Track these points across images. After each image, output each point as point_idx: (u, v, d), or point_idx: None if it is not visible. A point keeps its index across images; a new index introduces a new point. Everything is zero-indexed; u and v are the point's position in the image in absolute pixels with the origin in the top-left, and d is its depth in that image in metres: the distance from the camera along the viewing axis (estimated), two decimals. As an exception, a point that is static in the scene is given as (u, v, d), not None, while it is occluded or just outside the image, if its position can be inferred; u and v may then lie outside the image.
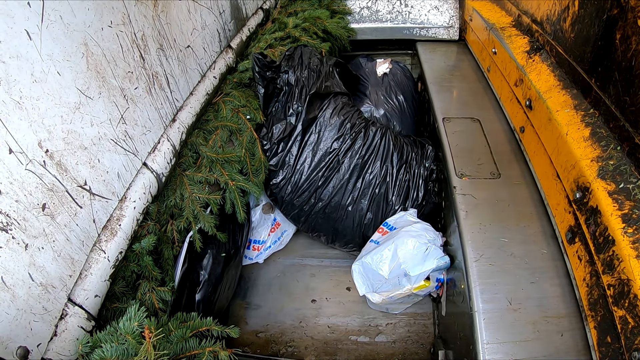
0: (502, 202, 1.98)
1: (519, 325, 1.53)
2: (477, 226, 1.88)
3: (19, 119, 1.05)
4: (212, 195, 1.92)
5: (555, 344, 1.47)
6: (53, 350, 1.17)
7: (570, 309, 1.55)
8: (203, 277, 2.04)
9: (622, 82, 1.43)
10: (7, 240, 1.02)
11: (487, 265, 1.72)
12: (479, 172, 2.15)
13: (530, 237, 1.81)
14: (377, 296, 2.16)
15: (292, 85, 2.48)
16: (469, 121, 2.54)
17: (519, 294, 1.62)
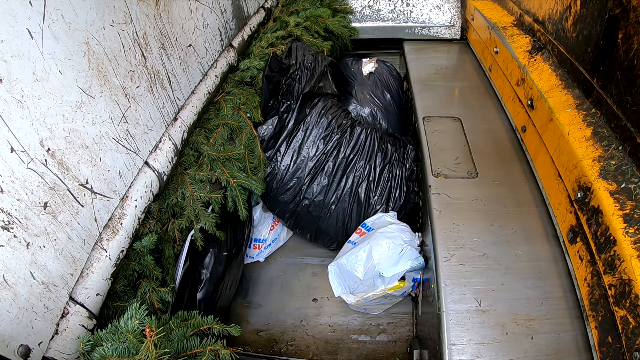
0: (478, 201, 1.97)
1: (488, 327, 1.51)
2: (449, 226, 1.86)
3: (20, 117, 1.06)
4: (213, 193, 1.92)
5: (524, 346, 1.45)
6: (54, 348, 1.17)
7: (542, 312, 1.54)
8: (205, 276, 2.04)
9: (623, 81, 1.42)
10: (8, 239, 1.02)
11: (458, 265, 1.71)
12: (456, 172, 2.15)
13: (505, 237, 1.80)
14: (352, 297, 2.16)
15: (288, 84, 2.50)
16: (449, 120, 2.54)
17: (490, 295, 1.60)
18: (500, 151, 2.25)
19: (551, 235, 1.80)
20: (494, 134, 2.39)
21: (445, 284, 1.65)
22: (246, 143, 2.23)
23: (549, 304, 1.56)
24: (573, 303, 1.55)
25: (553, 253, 1.73)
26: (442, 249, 1.77)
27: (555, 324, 1.50)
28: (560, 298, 1.58)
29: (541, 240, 1.78)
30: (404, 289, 2.17)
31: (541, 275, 1.65)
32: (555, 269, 1.67)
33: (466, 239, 1.80)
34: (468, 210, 1.93)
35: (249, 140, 2.26)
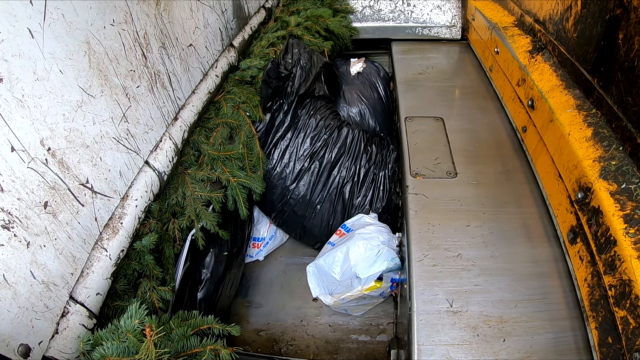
0: (455, 202, 1.96)
1: (458, 328, 1.50)
2: (425, 226, 1.85)
3: (21, 117, 1.06)
4: (214, 193, 1.92)
5: (495, 349, 1.43)
6: (54, 348, 1.17)
7: (516, 314, 1.52)
8: (205, 276, 2.05)
9: (624, 82, 1.42)
10: (9, 238, 1.02)
11: (431, 265, 1.69)
12: (435, 172, 2.14)
13: (481, 238, 1.79)
14: (330, 298, 2.16)
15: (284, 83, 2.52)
16: (431, 120, 2.54)
17: (462, 296, 1.59)
18: (482, 151, 2.25)
19: (530, 236, 1.79)
20: (477, 134, 2.39)
21: (417, 284, 1.64)
22: (245, 141, 2.23)
23: (524, 306, 1.55)
24: (550, 305, 1.54)
25: (532, 254, 1.72)
26: (415, 249, 1.76)
27: (529, 327, 1.49)
28: (536, 300, 1.56)
29: (519, 241, 1.78)
30: (382, 289, 2.18)
31: (517, 276, 1.64)
32: (533, 270, 1.66)
33: (441, 240, 1.79)
34: (445, 210, 1.92)
35: (248, 139, 2.27)
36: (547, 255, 1.71)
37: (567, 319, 1.50)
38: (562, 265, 1.67)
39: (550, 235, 1.79)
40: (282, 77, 2.46)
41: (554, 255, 1.71)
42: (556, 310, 1.53)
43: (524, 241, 1.78)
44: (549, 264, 1.68)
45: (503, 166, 2.15)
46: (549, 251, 1.73)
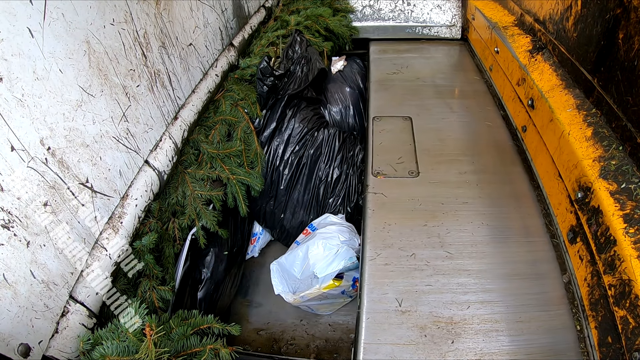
0: (414, 201, 1.95)
1: (405, 328, 1.48)
2: (380, 225, 1.85)
3: (20, 116, 1.06)
4: (214, 191, 1.93)
5: (442, 350, 1.42)
6: (54, 347, 1.17)
7: (467, 316, 1.51)
8: (205, 275, 2.05)
9: (624, 82, 1.42)
10: (8, 238, 1.02)
11: (383, 264, 1.68)
12: (397, 171, 2.14)
13: (437, 238, 1.78)
14: (290, 296, 2.17)
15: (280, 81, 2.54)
16: (400, 120, 2.54)
17: (412, 296, 1.57)
18: (447, 150, 2.26)
19: (489, 236, 1.78)
20: (443, 133, 2.39)
21: (368, 282, 1.63)
22: (242, 137, 2.23)
23: (477, 308, 1.54)
24: (505, 308, 1.53)
25: (492, 255, 1.71)
26: (369, 248, 1.75)
27: (480, 329, 1.48)
28: (489, 302, 1.55)
29: (477, 241, 1.77)
30: (341, 288, 2.19)
31: (471, 277, 1.63)
32: (488, 272, 1.65)
33: (396, 239, 1.78)
34: (403, 209, 1.92)
35: (246, 135, 2.26)
36: (505, 256, 1.71)
37: (521, 322, 1.49)
38: (520, 267, 1.67)
39: (511, 236, 1.78)
40: (276, 75, 2.46)
41: (512, 256, 1.71)
42: (511, 312, 1.52)
43: (484, 241, 1.77)
44: (506, 265, 1.68)
45: (468, 165, 2.15)
46: (507, 252, 1.72)
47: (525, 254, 1.71)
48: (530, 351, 1.41)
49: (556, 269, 1.64)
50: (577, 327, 1.46)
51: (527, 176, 2.05)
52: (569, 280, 1.59)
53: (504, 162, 2.17)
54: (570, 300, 1.54)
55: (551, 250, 1.70)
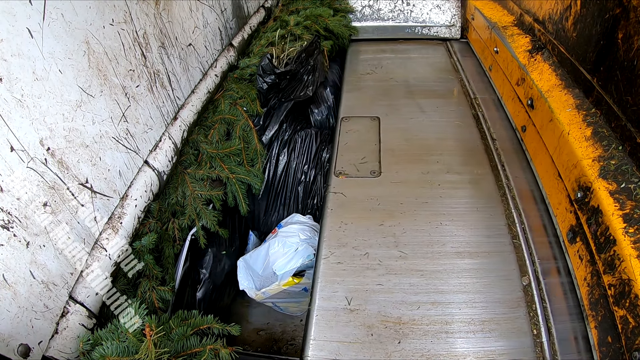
0: (373, 200, 1.96)
1: (353, 327, 1.49)
2: (337, 224, 1.85)
3: (20, 117, 1.06)
4: (214, 191, 1.93)
5: (388, 350, 1.42)
6: (54, 347, 1.17)
7: (416, 317, 1.51)
8: (204, 276, 2.05)
9: (624, 81, 1.42)
10: (8, 238, 1.02)
11: (336, 263, 1.69)
12: (359, 171, 2.14)
13: (393, 237, 1.78)
14: (253, 292, 2.18)
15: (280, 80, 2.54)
16: (368, 120, 2.55)
17: (362, 295, 1.58)
18: (412, 150, 2.26)
19: (447, 237, 1.78)
20: (410, 133, 2.40)
21: (319, 281, 1.64)
22: (241, 135, 2.22)
23: (427, 309, 1.53)
24: (457, 309, 1.53)
25: (448, 256, 1.71)
26: (324, 247, 1.76)
27: (428, 330, 1.48)
28: (441, 304, 1.55)
29: (434, 241, 1.77)
30: (302, 285, 2.20)
31: (424, 278, 1.63)
32: (443, 273, 1.65)
33: (351, 238, 1.79)
34: (361, 209, 1.92)
35: (245, 132, 2.26)
36: (463, 257, 1.71)
37: (473, 325, 1.49)
38: (477, 268, 1.66)
39: (470, 237, 1.78)
40: (277, 73, 2.46)
41: (470, 257, 1.70)
42: (463, 314, 1.52)
43: (439, 242, 1.77)
44: (463, 266, 1.68)
45: (432, 165, 2.15)
46: (465, 253, 1.72)
47: (484, 255, 1.70)
48: (481, 355, 1.40)
49: (516, 271, 1.63)
50: (533, 331, 1.45)
51: (494, 176, 2.06)
52: (528, 282, 1.59)
53: (470, 162, 2.17)
54: (529, 303, 1.53)
55: (512, 252, 1.70)
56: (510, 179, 2.03)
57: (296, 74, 2.55)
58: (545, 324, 1.47)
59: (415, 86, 2.87)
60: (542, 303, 1.53)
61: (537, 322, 1.48)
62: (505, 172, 2.07)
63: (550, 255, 1.69)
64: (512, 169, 2.09)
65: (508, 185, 2.00)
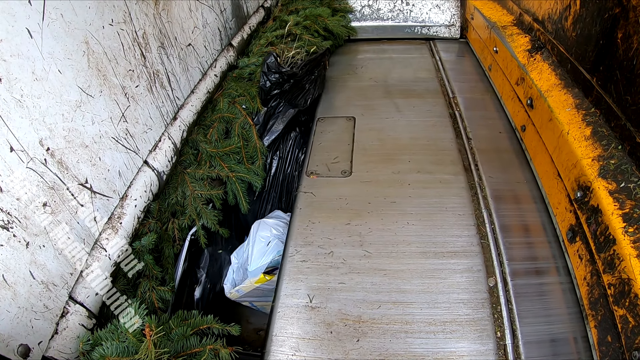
0: (342, 200, 1.97)
1: (313, 324, 1.50)
2: (305, 223, 1.88)
3: (20, 117, 1.05)
4: (214, 190, 1.93)
5: (346, 348, 1.43)
6: (54, 348, 1.17)
7: (376, 316, 1.52)
8: (201, 275, 2.05)
9: (623, 81, 1.42)
10: (8, 238, 1.02)
11: (300, 261, 1.72)
12: (330, 171, 2.16)
13: (358, 237, 1.80)
14: (228, 290, 2.17)
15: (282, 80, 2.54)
16: (343, 120, 2.56)
17: (324, 292, 1.60)
18: (384, 150, 2.27)
19: (413, 236, 1.79)
20: (384, 133, 2.40)
21: (284, 278, 1.67)
22: (240, 133, 2.22)
23: (388, 308, 1.54)
24: (419, 309, 1.54)
25: (412, 255, 1.71)
26: (290, 245, 1.79)
27: (388, 329, 1.48)
28: (402, 303, 1.56)
29: (399, 240, 1.78)
30: (274, 282, 2.18)
31: (387, 277, 1.64)
32: (406, 272, 1.66)
33: (317, 237, 1.81)
34: (329, 208, 1.94)
35: (244, 130, 2.25)
36: (428, 257, 1.71)
37: (434, 325, 1.49)
38: (442, 268, 1.67)
39: (436, 237, 1.78)
40: (281, 72, 2.46)
41: (435, 257, 1.71)
42: (424, 315, 1.52)
43: (404, 241, 1.77)
44: (427, 266, 1.68)
45: (403, 164, 2.15)
46: (430, 253, 1.72)
47: (450, 255, 1.70)
48: (440, 356, 1.40)
49: (482, 272, 1.64)
50: (497, 333, 1.45)
51: (466, 176, 2.06)
52: (494, 284, 1.59)
53: (443, 161, 2.17)
54: (494, 304, 1.53)
55: (479, 253, 1.70)
56: (483, 178, 2.03)
57: (300, 81, 2.56)
58: (510, 326, 1.46)
59: (394, 86, 2.88)
60: (508, 305, 1.53)
61: (502, 324, 1.47)
62: (478, 172, 2.07)
63: (521, 256, 1.69)
64: (487, 169, 2.09)
65: (480, 185, 2.00)
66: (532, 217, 1.85)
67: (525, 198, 1.94)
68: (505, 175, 2.05)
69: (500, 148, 2.24)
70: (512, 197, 1.94)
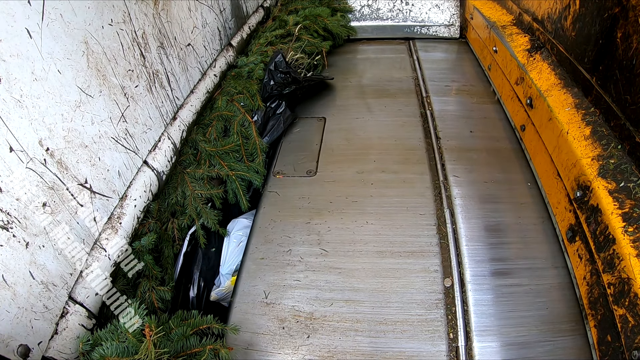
0: (304, 199, 2.01)
1: (266, 319, 1.54)
2: (266, 222, 1.91)
3: (19, 117, 1.05)
4: (214, 189, 1.93)
5: (296, 344, 1.47)
6: (54, 348, 1.17)
7: (328, 313, 1.55)
8: (195, 274, 2.04)
9: (623, 80, 1.42)
10: (7, 239, 1.02)
11: (259, 259, 1.76)
12: (296, 170, 2.20)
13: (317, 235, 1.82)
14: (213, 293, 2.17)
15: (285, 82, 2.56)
16: (314, 120, 2.59)
17: (279, 290, 1.64)
18: (351, 149, 2.29)
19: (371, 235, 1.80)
20: (352, 132, 2.42)
21: (242, 275, 1.71)
22: (239, 131, 2.21)
23: (340, 306, 1.56)
24: (370, 308, 1.55)
25: (369, 254, 1.73)
26: (252, 243, 1.83)
27: (338, 327, 1.50)
28: (354, 301, 1.58)
29: (357, 240, 1.79)
30: None
31: (341, 276, 1.66)
32: (361, 271, 1.67)
33: (277, 235, 1.84)
34: (291, 207, 1.97)
35: (243, 128, 2.24)
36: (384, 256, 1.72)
37: (384, 325, 1.50)
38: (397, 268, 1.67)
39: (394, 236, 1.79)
40: (288, 73, 2.47)
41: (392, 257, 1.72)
42: (375, 314, 1.53)
43: (362, 240, 1.79)
44: (383, 265, 1.69)
45: (368, 164, 2.17)
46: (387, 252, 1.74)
47: (407, 255, 1.71)
48: (389, 355, 1.41)
49: (439, 272, 1.64)
50: (449, 335, 1.45)
51: (431, 175, 2.06)
52: (451, 284, 1.59)
53: (409, 161, 2.18)
54: (448, 306, 1.53)
55: (438, 253, 1.71)
56: (448, 178, 2.04)
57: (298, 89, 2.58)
58: (464, 328, 1.46)
59: (368, 86, 2.90)
60: (464, 306, 1.52)
61: (455, 325, 1.47)
62: (444, 172, 2.08)
63: (482, 257, 1.69)
64: (453, 168, 2.10)
65: (445, 184, 2.00)
66: (496, 217, 1.85)
67: (491, 198, 1.94)
68: (473, 175, 2.05)
69: (470, 147, 2.25)
70: (477, 197, 1.94)
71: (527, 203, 1.88)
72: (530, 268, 1.62)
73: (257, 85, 2.42)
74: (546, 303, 1.51)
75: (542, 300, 1.52)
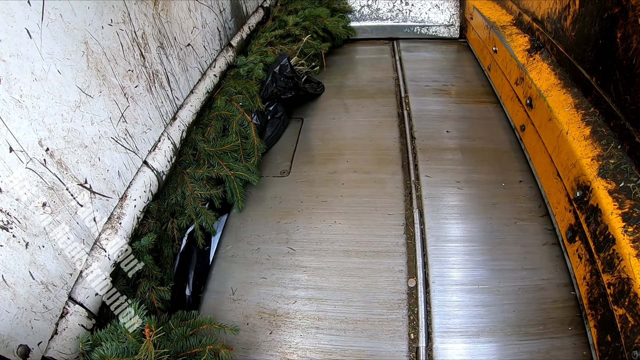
0: (275, 199, 2.04)
1: (233, 315, 1.58)
2: (239, 221, 1.96)
3: (19, 117, 1.05)
4: (213, 190, 1.93)
5: (259, 340, 1.50)
6: (54, 348, 1.17)
7: (290, 311, 1.57)
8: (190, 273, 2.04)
9: (622, 80, 1.42)
10: (7, 239, 1.02)
11: (230, 256, 1.80)
12: (270, 171, 2.23)
13: (286, 234, 1.85)
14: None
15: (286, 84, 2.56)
16: (292, 121, 2.62)
17: (246, 286, 1.68)
18: (325, 150, 2.31)
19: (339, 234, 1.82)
20: (328, 133, 2.45)
21: (213, 272, 1.76)
22: (238, 130, 2.21)
23: (302, 304, 1.59)
24: (332, 307, 1.57)
25: (334, 253, 1.75)
26: (224, 241, 1.87)
27: (300, 324, 1.53)
28: (317, 300, 1.60)
29: (324, 239, 1.81)
30: None
31: (306, 274, 1.69)
32: (326, 270, 1.70)
33: (248, 234, 1.88)
34: (263, 207, 2.01)
35: (242, 128, 2.24)
36: (349, 255, 1.74)
37: (345, 323, 1.51)
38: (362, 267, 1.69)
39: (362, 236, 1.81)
40: (291, 78, 2.48)
41: (357, 256, 1.73)
42: (337, 312, 1.55)
43: (329, 239, 1.81)
44: (348, 264, 1.71)
45: (341, 164, 2.19)
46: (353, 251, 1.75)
47: (372, 255, 1.73)
48: (348, 354, 1.43)
49: (404, 272, 1.65)
50: (410, 335, 1.45)
51: (403, 175, 2.07)
52: (414, 285, 1.59)
53: (382, 161, 2.19)
54: (411, 306, 1.54)
55: (404, 254, 1.71)
56: (420, 178, 2.04)
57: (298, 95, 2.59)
58: (425, 328, 1.46)
59: (347, 87, 2.92)
60: (427, 307, 1.52)
61: (417, 326, 1.48)
62: (416, 172, 2.08)
63: (448, 259, 1.70)
64: (426, 168, 2.11)
65: (416, 184, 2.01)
66: (466, 218, 1.86)
67: (463, 198, 1.94)
68: (445, 176, 2.05)
69: (446, 147, 2.25)
70: (448, 198, 1.94)
71: (499, 204, 1.88)
72: (499, 270, 1.62)
73: (257, 86, 2.42)
74: (513, 306, 1.51)
75: (508, 302, 1.52)
